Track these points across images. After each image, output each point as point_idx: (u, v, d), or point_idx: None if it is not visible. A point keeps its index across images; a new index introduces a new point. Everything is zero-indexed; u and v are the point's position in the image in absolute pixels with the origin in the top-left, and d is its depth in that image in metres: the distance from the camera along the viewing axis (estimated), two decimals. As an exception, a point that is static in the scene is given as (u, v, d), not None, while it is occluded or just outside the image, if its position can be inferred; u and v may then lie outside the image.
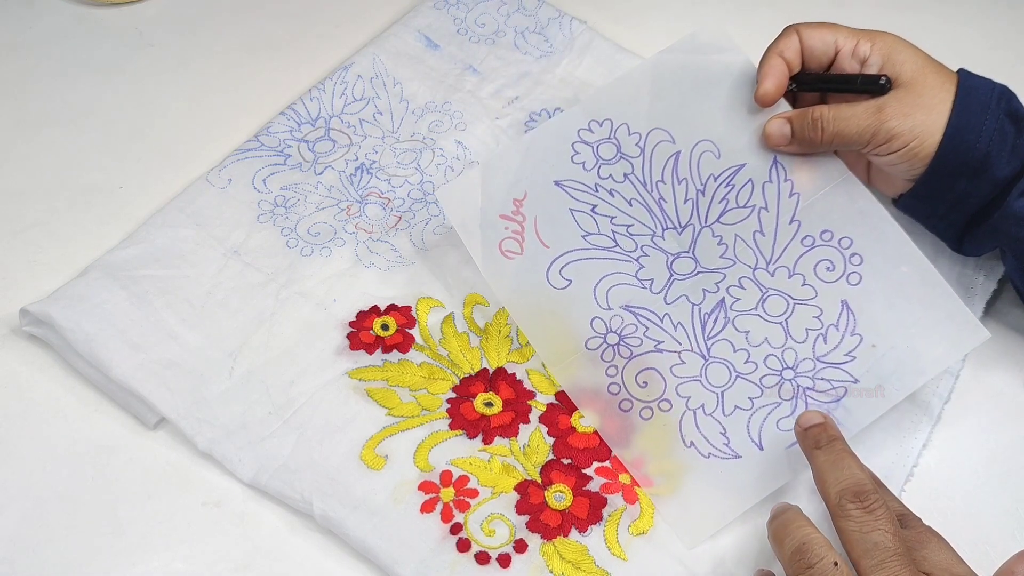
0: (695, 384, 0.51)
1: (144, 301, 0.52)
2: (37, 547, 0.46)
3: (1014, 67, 0.61)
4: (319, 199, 0.58)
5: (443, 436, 0.50)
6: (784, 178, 0.53)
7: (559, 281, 0.53)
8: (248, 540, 0.47)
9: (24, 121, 0.61)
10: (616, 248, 0.53)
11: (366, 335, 0.53)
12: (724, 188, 0.53)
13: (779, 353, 0.51)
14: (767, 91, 0.51)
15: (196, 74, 0.65)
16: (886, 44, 0.51)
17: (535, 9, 0.69)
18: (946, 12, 0.72)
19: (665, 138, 0.54)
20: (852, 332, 0.50)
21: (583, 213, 0.54)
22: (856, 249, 0.51)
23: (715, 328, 0.52)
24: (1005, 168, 0.49)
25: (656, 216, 0.54)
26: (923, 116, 0.49)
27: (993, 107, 0.49)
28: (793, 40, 0.52)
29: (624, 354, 0.52)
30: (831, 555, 0.41)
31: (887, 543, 0.40)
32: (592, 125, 0.55)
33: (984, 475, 0.51)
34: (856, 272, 0.51)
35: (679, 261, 0.53)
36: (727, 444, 0.49)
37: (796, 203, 0.52)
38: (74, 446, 0.49)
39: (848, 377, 0.50)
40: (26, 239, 0.56)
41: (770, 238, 0.52)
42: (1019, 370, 0.55)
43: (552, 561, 0.46)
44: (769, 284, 0.52)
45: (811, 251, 0.52)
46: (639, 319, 0.52)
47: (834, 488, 0.43)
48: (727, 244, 0.53)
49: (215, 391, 0.50)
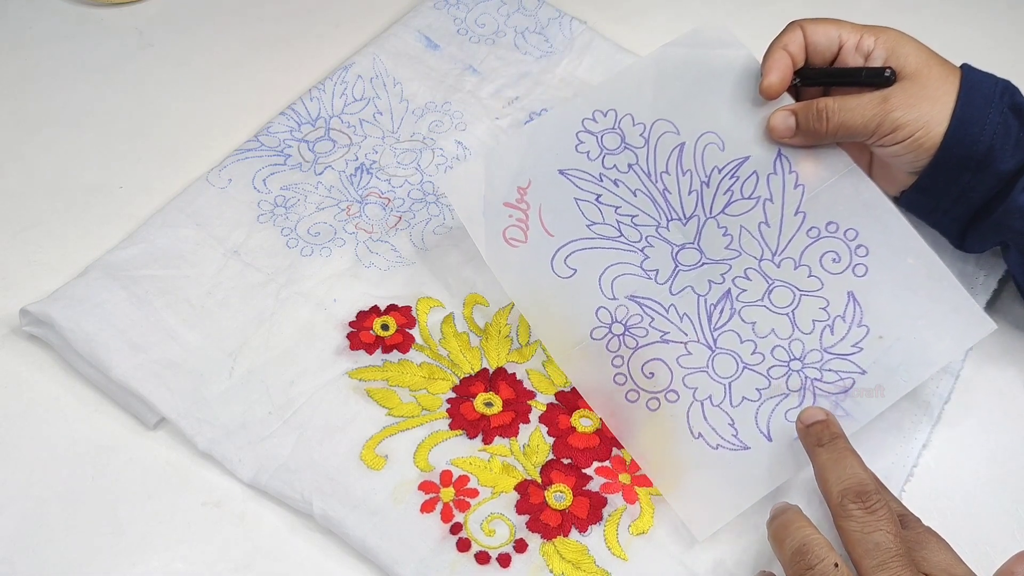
0: (702, 375, 0.50)
1: (144, 301, 0.52)
2: (37, 547, 0.46)
3: (1015, 67, 0.61)
4: (319, 199, 0.58)
5: (443, 436, 0.50)
6: (789, 170, 0.53)
7: (564, 270, 0.53)
8: (248, 540, 0.47)
9: (24, 121, 0.61)
10: (621, 238, 0.53)
11: (366, 335, 0.53)
12: (728, 180, 0.53)
13: (786, 344, 0.50)
14: (772, 83, 0.51)
15: (196, 74, 0.65)
16: (890, 38, 0.51)
17: (535, 9, 0.69)
18: (946, 12, 0.72)
19: (669, 129, 0.54)
20: (859, 323, 0.50)
21: (588, 203, 0.54)
22: (862, 240, 0.51)
23: (721, 319, 0.51)
24: (1009, 161, 0.49)
25: (660, 207, 0.53)
26: (928, 107, 0.49)
27: (996, 101, 0.49)
28: (797, 35, 0.52)
29: (630, 344, 0.51)
30: (832, 556, 0.41)
31: (888, 544, 0.40)
32: (596, 115, 0.55)
33: (984, 475, 0.51)
34: (862, 263, 0.51)
35: (684, 252, 0.53)
36: (735, 435, 0.49)
37: (801, 194, 0.52)
38: (74, 446, 0.49)
39: (856, 368, 0.50)
40: (26, 239, 0.56)
41: (775, 229, 0.52)
42: (1020, 370, 0.55)
43: (552, 561, 0.46)
44: (775, 275, 0.52)
45: (817, 242, 0.52)
46: (644, 309, 0.52)
47: (836, 487, 0.43)
48: (732, 235, 0.52)
49: (215, 391, 0.50)
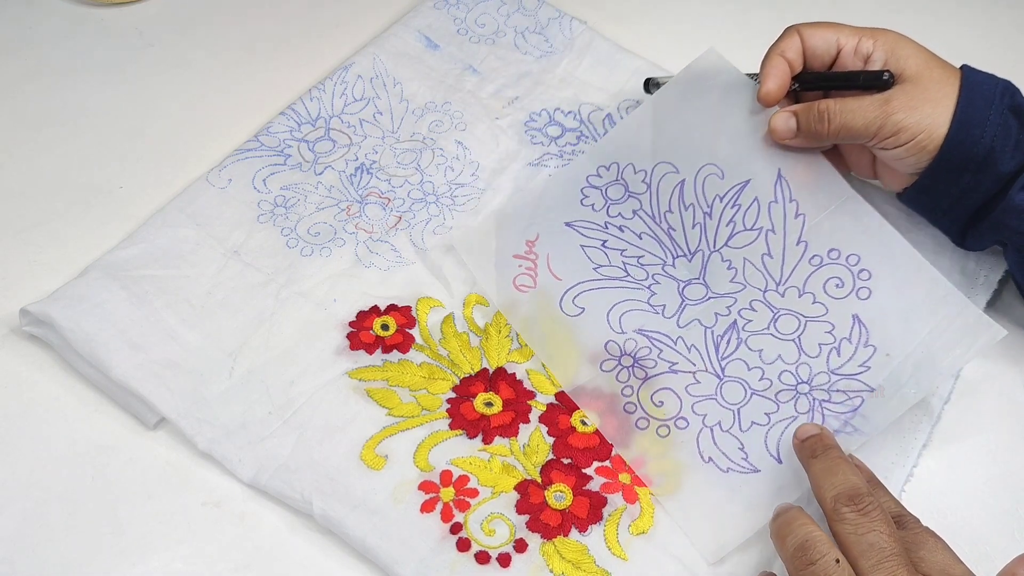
0: (711, 402, 0.51)
1: (144, 301, 0.52)
2: (37, 547, 0.46)
3: (1015, 66, 0.61)
4: (319, 199, 0.58)
5: (443, 436, 0.50)
6: (789, 198, 0.53)
7: (572, 309, 0.54)
8: (248, 540, 0.47)
9: (24, 121, 0.61)
10: (627, 278, 0.54)
11: (366, 335, 0.53)
12: (731, 209, 0.54)
13: (793, 368, 0.51)
14: (769, 91, 0.51)
15: (196, 74, 0.65)
16: (888, 41, 0.51)
17: (535, 9, 0.69)
18: (946, 12, 0.72)
19: (670, 170, 0.56)
20: (865, 344, 0.50)
21: (594, 248, 0.55)
22: (864, 265, 0.51)
23: (728, 349, 0.52)
24: (1009, 163, 0.49)
25: (666, 246, 0.55)
26: (930, 109, 0.49)
27: (997, 102, 0.49)
28: (795, 41, 0.52)
29: (639, 375, 0.52)
30: (833, 552, 0.41)
31: (883, 543, 0.40)
32: (600, 170, 0.57)
33: (984, 475, 0.51)
34: (865, 287, 0.51)
35: (690, 287, 0.54)
36: (745, 459, 0.49)
37: (802, 224, 0.53)
38: (74, 446, 0.49)
39: (864, 386, 0.50)
40: (26, 239, 0.56)
41: (778, 260, 0.53)
42: (1019, 370, 0.55)
43: (552, 561, 0.46)
44: (780, 304, 0.52)
45: (819, 270, 0.52)
46: (652, 342, 0.53)
47: (829, 493, 0.43)
48: (736, 268, 0.53)
49: (215, 391, 0.50)
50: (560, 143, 0.63)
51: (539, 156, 0.62)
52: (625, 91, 0.66)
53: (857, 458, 0.48)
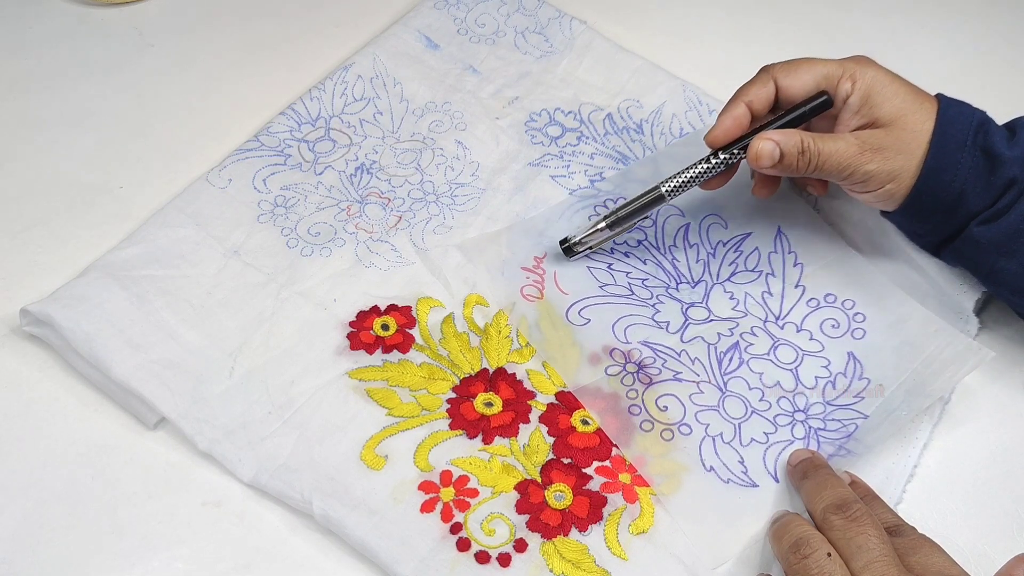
0: (713, 413, 0.52)
1: (144, 301, 0.52)
2: (37, 547, 0.46)
3: (1015, 66, 0.61)
4: (319, 199, 0.58)
5: (443, 436, 0.50)
6: (788, 249, 0.57)
7: (578, 319, 0.55)
8: (248, 540, 0.47)
9: (24, 121, 0.61)
10: (632, 296, 0.56)
11: (366, 335, 0.53)
12: (733, 253, 0.58)
13: (791, 397, 0.52)
14: (715, 137, 0.53)
15: (196, 74, 0.65)
16: (866, 82, 0.51)
17: (535, 9, 0.69)
18: (945, 13, 0.72)
19: (674, 212, 0.60)
20: (860, 377, 0.53)
21: (600, 269, 0.57)
22: (859, 309, 0.56)
23: (731, 366, 0.53)
24: (979, 203, 0.50)
25: (670, 272, 0.57)
26: (902, 161, 0.50)
27: (970, 145, 0.50)
28: (767, 88, 0.52)
29: (644, 381, 0.53)
30: (825, 547, 0.42)
31: (871, 545, 0.41)
32: (607, 203, 0.59)
33: (984, 475, 0.51)
34: (860, 328, 0.55)
35: (693, 309, 0.56)
36: (745, 472, 0.50)
37: (800, 271, 0.57)
38: (74, 446, 0.49)
39: (858, 415, 0.52)
40: (26, 239, 0.56)
41: (778, 299, 0.56)
42: (1019, 371, 0.55)
43: (552, 560, 0.46)
44: (779, 335, 0.55)
45: (817, 311, 0.56)
46: (657, 353, 0.54)
47: (819, 505, 0.45)
48: (738, 299, 0.56)
49: (215, 391, 0.50)
50: (560, 143, 0.63)
51: (539, 156, 0.62)
52: (625, 91, 0.66)
53: (854, 474, 0.49)
